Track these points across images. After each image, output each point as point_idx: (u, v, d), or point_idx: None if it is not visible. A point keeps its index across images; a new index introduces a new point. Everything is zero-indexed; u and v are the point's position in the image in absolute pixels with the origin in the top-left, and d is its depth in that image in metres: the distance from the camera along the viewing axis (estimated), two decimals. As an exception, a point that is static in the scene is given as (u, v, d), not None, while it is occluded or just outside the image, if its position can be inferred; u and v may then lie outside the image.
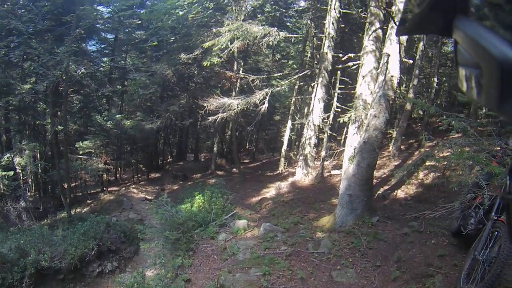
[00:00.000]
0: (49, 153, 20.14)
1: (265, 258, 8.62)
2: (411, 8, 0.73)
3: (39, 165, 19.03)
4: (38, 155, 20.11)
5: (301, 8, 21.41)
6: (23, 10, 17.48)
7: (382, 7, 10.88)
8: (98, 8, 20.72)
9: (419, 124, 19.35)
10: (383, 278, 7.07)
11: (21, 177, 18.76)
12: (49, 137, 19.16)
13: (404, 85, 16.24)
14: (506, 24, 0.53)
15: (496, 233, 5.41)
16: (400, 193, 11.63)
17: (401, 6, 9.10)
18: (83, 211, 17.95)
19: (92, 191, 22.33)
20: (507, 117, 0.59)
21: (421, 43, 16.20)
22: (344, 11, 16.25)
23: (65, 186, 18.27)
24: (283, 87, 18.83)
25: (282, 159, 21.30)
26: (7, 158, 16.99)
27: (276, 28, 14.84)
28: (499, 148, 5.60)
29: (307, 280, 7.50)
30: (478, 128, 11.46)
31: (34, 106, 20.02)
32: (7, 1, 17.78)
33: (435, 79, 18.16)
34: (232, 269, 8.37)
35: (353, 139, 11.17)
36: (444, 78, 21.86)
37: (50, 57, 15.14)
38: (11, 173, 16.41)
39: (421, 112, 15.95)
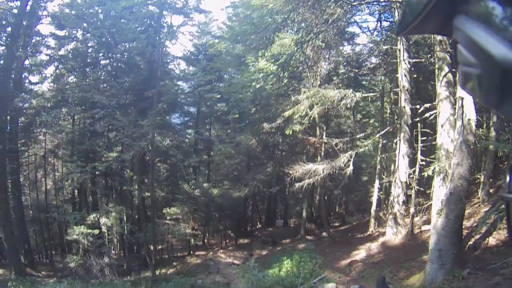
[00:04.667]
0: (136, 216, 21.31)
1: (352, 319, 8.34)
2: (411, 8, 0.73)
3: (126, 227, 20.26)
4: (125, 218, 21.36)
5: (372, 65, 21.39)
6: (105, 85, 19.45)
7: (447, 50, 10.70)
8: (178, 83, 22.54)
9: (505, 162, 17.87)
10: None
11: (107, 236, 19.90)
12: (136, 202, 20.37)
13: (485, 125, 15.27)
14: (506, 23, 0.54)
15: None
16: (491, 241, 10.79)
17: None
18: (168, 272, 18.55)
19: (178, 254, 23.13)
20: (508, 117, 0.62)
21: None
22: (414, 60, 16.04)
23: (151, 247, 19.11)
24: (366, 147, 18.61)
25: (372, 220, 20.59)
26: (93, 217, 18.40)
27: (351, 90, 15.03)
28: None
29: None
30: None
31: (121, 173, 21.81)
32: (88, 76, 19.96)
33: (516, 110, 16.83)
34: (318, 332, 8.17)
35: (439, 192, 10.81)
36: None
37: (135, 130, 16.42)
38: (96, 231, 17.68)
39: (506, 150, 14.69)
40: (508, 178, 0.73)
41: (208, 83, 21.70)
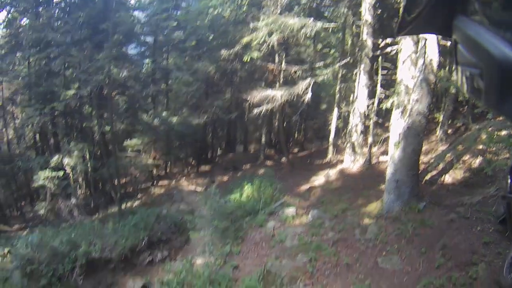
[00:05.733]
0: (98, 152, 21.21)
1: (312, 244, 8.83)
2: (411, 8, 0.74)
3: (89, 164, 20.12)
4: (87, 155, 21.19)
5: (336, -4, 21.06)
6: (59, 22, 18.43)
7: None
8: (134, 13, 21.63)
9: (466, 107, 18.66)
10: (427, 265, 7.07)
11: (71, 176, 19.80)
12: (96, 138, 20.11)
13: (447, 68, 15.67)
14: (506, 23, 0.55)
15: None
16: (447, 178, 11.31)
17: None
18: (134, 205, 18.84)
19: (142, 186, 23.35)
20: (507, 117, 0.61)
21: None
22: (380, -4, 15.93)
23: (115, 182, 19.18)
24: (326, 76, 18.75)
25: (331, 147, 21.21)
26: (56, 159, 18.15)
27: (312, 19, 14.82)
28: None
29: (353, 266, 7.66)
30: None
31: (80, 110, 21.28)
32: (42, 15, 18.84)
33: (479, 60, 17.36)
34: (279, 256, 8.65)
35: (397, 125, 11.07)
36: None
37: (91, 64, 15.89)
38: (61, 173, 17.55)
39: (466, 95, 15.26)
40: (509, 179, 0.81)
41: (165, 11, 20.97)
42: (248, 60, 17.75)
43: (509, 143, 4.31)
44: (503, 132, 7.98)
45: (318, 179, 17.09)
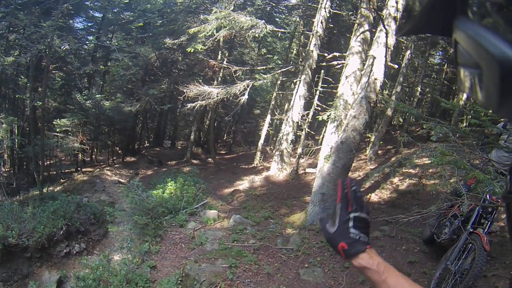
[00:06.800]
0: (27, 128, 19.73)
1: (233, 250, 8.53)
2: (412, 8, 0.71)
3: (16, 140, 18.65)
4: (16, 130, 19.65)
5: (291, 4, 21.31)
6: None
7: (372, 10, 10.83)
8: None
9: (398, 131, 19.45)
10: (350, 280, 7.02)
11: None
12: (27, 112, 18.77)
13: (387, 91, 16.24)
14: (506, 23, 0.52)
15: (471, 245, 5.34)
16: (373, 197, 11.60)
17: (392, 10, 9.02)
18: (55, 190, 17.55)
19: (66, 170, 21.92)
20: (507, 117, 0.59)
21: (408, 52, 16.26)
22: (335, 11, 16.24)
23: (39, 163, 17.86)
24: (265, 81, 18.74)
25: (258, 153, 21.23)
26: None
27: (263, 21, 14.72)
28: (478, 161, 5.53)
29: (274, 275, 7.44)
30: (460, 138, 11.60)
31: (15, 80, 19.62)
32: None
33: (419, 89, 18.26)
34: (198, 259, 8.24)
35: (330, 138, 11.15)
36: (427, 89, 21.95)
37: (35, 30, 14.77)
38: None
39: (401, 120, 15.92)
40: (508, 179, 0.70)
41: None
42: (192, 51, 17.25)
43: (461, 163, 4.32)
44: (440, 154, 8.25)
45: (243, 184, 16.89)
